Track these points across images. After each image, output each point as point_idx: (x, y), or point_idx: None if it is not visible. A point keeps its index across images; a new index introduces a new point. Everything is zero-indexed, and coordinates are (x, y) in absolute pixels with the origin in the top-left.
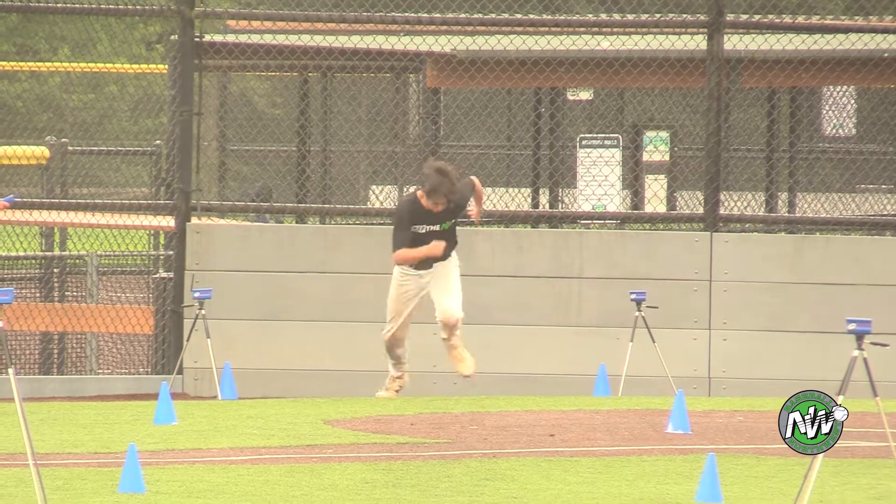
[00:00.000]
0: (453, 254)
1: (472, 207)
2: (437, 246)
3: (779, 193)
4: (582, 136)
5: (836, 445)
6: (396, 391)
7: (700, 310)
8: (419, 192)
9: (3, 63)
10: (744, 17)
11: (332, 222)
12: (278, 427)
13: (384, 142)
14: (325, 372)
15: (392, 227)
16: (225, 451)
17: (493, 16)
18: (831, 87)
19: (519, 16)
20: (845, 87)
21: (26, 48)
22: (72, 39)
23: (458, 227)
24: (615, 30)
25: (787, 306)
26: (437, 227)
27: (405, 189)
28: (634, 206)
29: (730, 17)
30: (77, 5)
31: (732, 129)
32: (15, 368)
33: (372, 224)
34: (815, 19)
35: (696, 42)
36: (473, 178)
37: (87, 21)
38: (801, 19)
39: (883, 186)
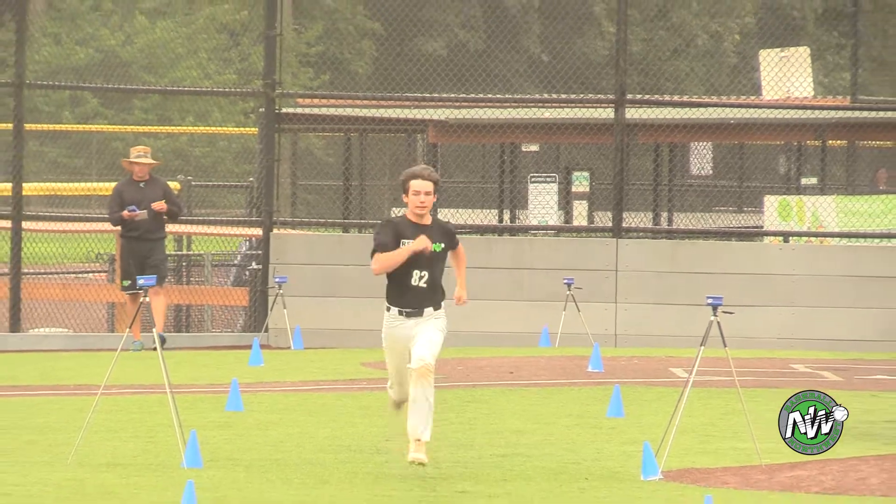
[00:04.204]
0: (441, 310)
1: (456, 290)
2: (423, 240)
3: (661, 213)
4: (531, 175)
5: (698, 380)
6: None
7: (609, 290)
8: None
9: (149, 127)
10: (639, 96)
11: (367, 232)
12: (331, 367)
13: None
14: (363, 331)
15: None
16: (296, 383)
17: (473, 95)
18: (696, 142)
19: (489, 95)
20: (705, 142)
21: (164, 117)
22: (194, 111)
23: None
24: (553, 104)
25: (667, 288)
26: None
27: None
28: (566, 221)
29: (629, 96)
30: (198, 88)
31: (631, 170)
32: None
33: None
34: (685, 97)
35: (607, 113)
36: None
37: (205, 99)
38: (676, 97)
39: (730, 208)
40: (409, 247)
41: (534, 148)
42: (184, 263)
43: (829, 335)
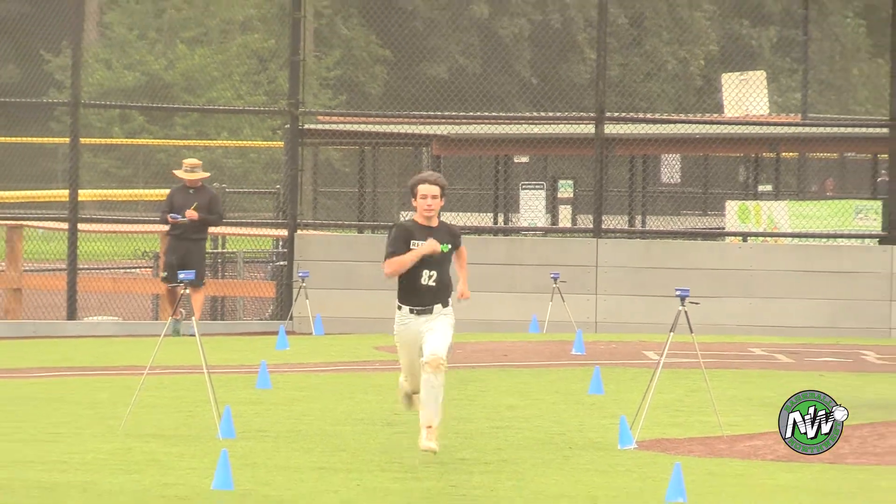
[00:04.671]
0: (449, 307)
1: (459, 285)
2: (432, 243)
3: (636, 216)
4: (523, 182)
5: (668, 362)
6: (436, 440)
7: (590, 283)
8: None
9: (188, 141)
10: (616, 113)
11: (379, 233)
12: (347, 351)
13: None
14: (376, 319)
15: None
16: (317, 364)
17: (471, 113)
18: (666, 154)
19: (486, 113)
20: (674, 154)
21: (202, 132)
22: (228, 127)
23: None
24: (541, 121)
25: (641, 281)
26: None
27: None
28: (552, 223)
29: (608, 113)
30: (231, 108)
31: (609, 178)
32: (196, 317)
33: None
34: (657, 115)
35: (588, 128)
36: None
37: (238, 117)
38: (649, 115)
39: (696, 212)
40: (418, 250)
41: (524, 159)
42: (219, 260)
43: (782, 322)
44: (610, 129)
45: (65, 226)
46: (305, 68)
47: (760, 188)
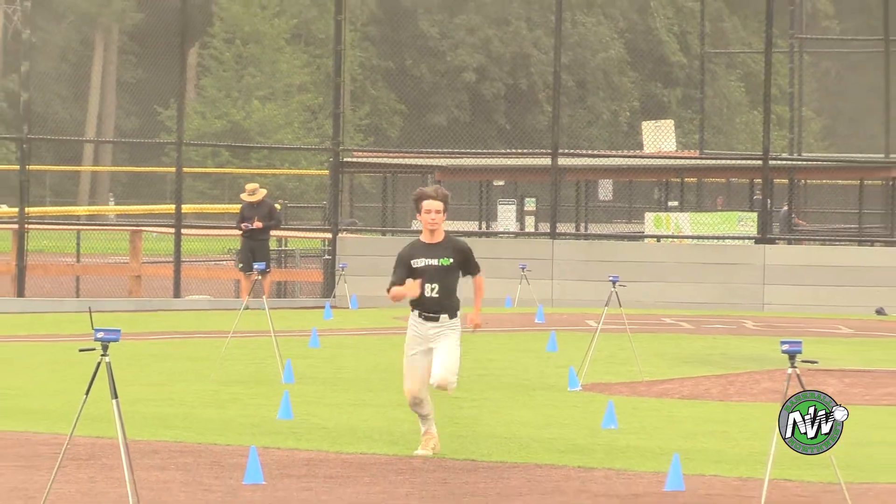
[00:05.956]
0: (456, 319)
1: (471, 312)
2: (412, 286)
3: (581, 223)
4: (499, 199)
5: (604, 328)
6: (433, 449)
7: (548, 271)
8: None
9: (261, 170)
10: (567, 150)
11: (398, 235)
12: (374, 320)
13: None
14: None
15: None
16: (353, 329)
17: (463, 150)
18: (602, 179)
19: (473, 150)
20: (608, 179)
21: (271, 164)
22: (290, 160)
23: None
24: (513, 156)
25: (585, 270)
26: (435, 262)
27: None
28: (521, 228)
29: (561, 150)
30: (292, 146)
31: (562, 196)
32: (265, 297)
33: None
34: (596, 151)
35: (546, 161)
36: (481, 275)
37: (296, 152)
38: (590, 151)
39: (623, 221)
40: (402, 289)
41: (500, 183)
42: (282, 255)
43: (685, 300)
44: (562, 161)
45: (172, 231)
46: (344, 118)
47: (670, 203)
